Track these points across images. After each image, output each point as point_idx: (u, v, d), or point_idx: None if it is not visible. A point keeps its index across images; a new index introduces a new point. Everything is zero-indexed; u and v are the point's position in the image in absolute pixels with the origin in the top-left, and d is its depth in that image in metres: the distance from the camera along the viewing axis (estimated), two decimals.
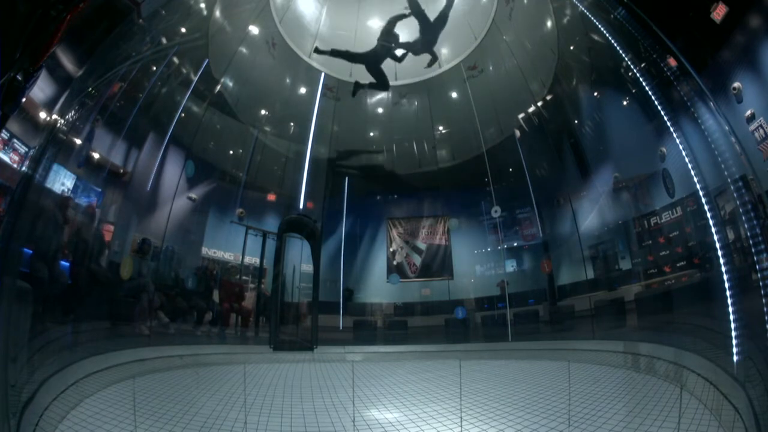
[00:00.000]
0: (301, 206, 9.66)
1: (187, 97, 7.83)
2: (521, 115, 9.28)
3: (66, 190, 5.29)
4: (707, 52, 4.36)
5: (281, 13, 9.11)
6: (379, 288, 10.27)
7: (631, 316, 6.79)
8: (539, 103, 8.98)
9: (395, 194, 10.93)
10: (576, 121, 8.56)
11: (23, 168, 4.10)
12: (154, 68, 6.89)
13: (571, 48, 7.91)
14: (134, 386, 3.88)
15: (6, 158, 4.01)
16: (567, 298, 8.60)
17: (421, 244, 10.45)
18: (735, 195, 4.07)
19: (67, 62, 4.30)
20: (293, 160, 10.01)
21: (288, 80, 9.88)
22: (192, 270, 8.37)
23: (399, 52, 8.46)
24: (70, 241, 5.45)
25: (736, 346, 3.79)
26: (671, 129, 4.92)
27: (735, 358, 3.76)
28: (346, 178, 7.91)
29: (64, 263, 5.23)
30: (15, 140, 4.08)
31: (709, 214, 4.51)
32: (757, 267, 3.73)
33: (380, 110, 10.63)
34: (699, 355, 4.34)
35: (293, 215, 9.58)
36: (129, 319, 6.39)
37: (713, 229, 4.45)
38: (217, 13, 8.08)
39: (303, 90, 10.10)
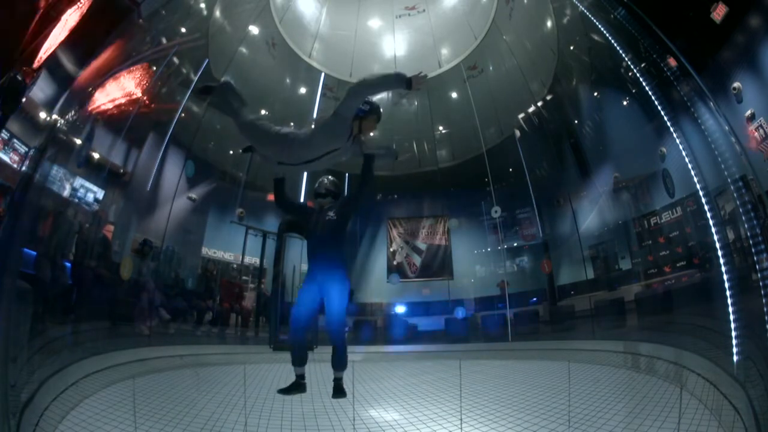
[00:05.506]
0: None
1: (187, 97, 7.83)
2: (521, 115, 9.29)
3: (66, 190, 5.29)
4: (707, 52, 4.36)
5: (281, 13, 9.11)
6: (379, 288, 10.27)
7: (631, 316, 6.78)
8: (539, 103, 8.98)
9: (395, 194, 10.93)
10: (576, 121, 8.56)
11: (23, 168, 4.10)
12: (154, 68, 6.89)
13: (571, 48, 7.91)
14: (134, 386, 3.87)
15: (6, 158, 4.01)
16: (567, 298, 8.60)
17: (421, 244, 10.45)
18: (735, 195, 4.07)
19: (67, 62, 4.31)
20: None
21: (288, 80, 9.88)
22: (192, 270, 8.37)
23: None
24: (70, 241, 5.45)
25: (736, 346, 3.78)
26: (671, 129, 4.92)
27: (735, 358, 3.75)
28: (346, 178, 7.90)
29: (64, 263, 5.23)
30: (15, 140, 4.08)
31: (709, 214, 4.51)
32: (757, 267, 3.73)
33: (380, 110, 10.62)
34: (699, 355, 4.33)
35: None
36: (129, 319, 6.38)
37: (713, 229, 4.45)
38: (217, 13, 8.08)
39: (303, 90, 10.10)
